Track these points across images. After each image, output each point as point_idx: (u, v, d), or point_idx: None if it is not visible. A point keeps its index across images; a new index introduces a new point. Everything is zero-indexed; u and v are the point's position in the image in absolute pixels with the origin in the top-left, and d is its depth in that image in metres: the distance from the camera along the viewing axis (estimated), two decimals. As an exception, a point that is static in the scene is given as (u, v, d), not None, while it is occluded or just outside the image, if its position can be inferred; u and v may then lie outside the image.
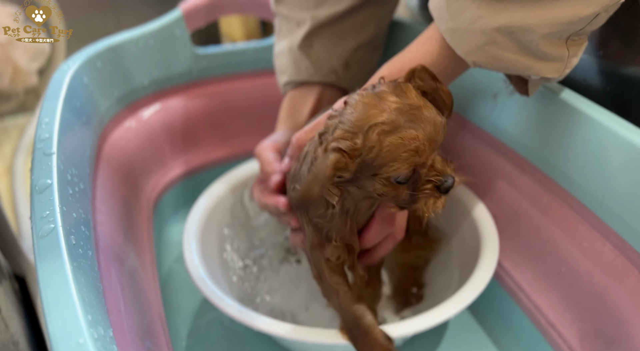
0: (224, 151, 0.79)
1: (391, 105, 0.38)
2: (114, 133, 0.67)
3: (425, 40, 0.45)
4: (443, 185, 0.39)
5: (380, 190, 0.40)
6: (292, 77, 0.60)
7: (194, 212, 0.61)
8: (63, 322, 0.31)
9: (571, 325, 0.49)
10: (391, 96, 0.38)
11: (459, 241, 0.60)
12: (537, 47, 0.39)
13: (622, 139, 0.42)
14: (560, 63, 0.41)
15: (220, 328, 0.61)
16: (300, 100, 0.60)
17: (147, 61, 0.71)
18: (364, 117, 0.38)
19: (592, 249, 0.48)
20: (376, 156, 0.38)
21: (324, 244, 0.46)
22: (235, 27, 1.32)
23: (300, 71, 0.60)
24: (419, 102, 0.38)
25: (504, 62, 0.41)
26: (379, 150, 0.37)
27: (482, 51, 0.41)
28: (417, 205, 0.40)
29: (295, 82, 0.60)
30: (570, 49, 0.40)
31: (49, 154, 0.44)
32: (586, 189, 0.47)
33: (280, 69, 0.62)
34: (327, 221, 0.45)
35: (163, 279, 0.67)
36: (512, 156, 0.56)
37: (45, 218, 0.38)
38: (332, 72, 0.60)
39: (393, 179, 0.39)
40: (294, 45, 0.59)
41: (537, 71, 0.42)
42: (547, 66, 0.41)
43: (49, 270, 0.34)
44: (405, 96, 0.39)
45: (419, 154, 0.37)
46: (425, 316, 0.47)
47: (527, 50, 0.40)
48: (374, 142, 0.37)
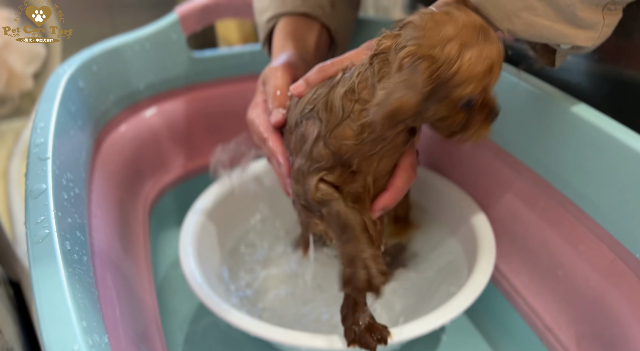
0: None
1: (464, 21, 0.37)
2: (110, 137, 0.67)
3: None
4: (495, 111, 0.39)
5: (443, 113, 0.39)
6: (276, 10, 0.57)
7: (191, 216, 0.60)
8: (58, 329, 0.31)
9: (568, 328, 0.49)
10: (459, 14, 0.38)
11: (455, 244, 0.60)
12: (573, 12, 0.39)
13: (618, 142, 0.43)
14: (595, 31, 0.40)
15: (216, 333, 0.61)
16: (300, 26, 0.56)
17: (143, 64, 0.70)
18: (439, 31, 0.36)
19: (589, 252, 0.48)
20: (456, 72, 0.36)
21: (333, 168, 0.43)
22: (232, 31, 1.32)
23: (286, 2, 0.56)
24: (484, 23, 0.38)
25: (538, 28, 0.40)
26: (459, 65, 0.36)
27: (517, 18, 0.40)
28: (467, 132, 0.40)
29: (281, 14, 0.56)
30: (605, 17, 0.39)
31: (44, 159, 0.44)
32: (582, 192, 0.47)
33: (261, 9, 0.59)
34: (356, 143, 0.41)
35: (159, 284, 0.67)
36: (508, 159, 0.56)
37: (40, 223, 0.38)
38: (319, 7, 0.57)
39: (462, 101, 0.38)
40: None
41: (571, 38, 0.41)
42: (581, 33, 0.40)
43: (43, 276, 0.34)
44: (471, 16, 0.38)
45: (492, 73, 0.37)
46: (422, 320, 0.47)
47: (563, 16, 0.39)
48: (455, 56, 0.36)
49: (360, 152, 0.42)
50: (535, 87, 0.50)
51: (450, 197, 0.61)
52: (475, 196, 0.60)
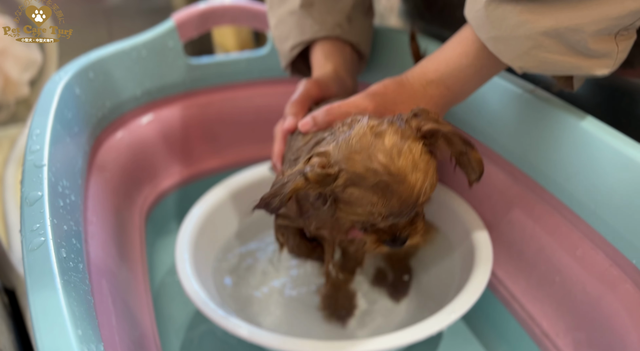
0: (217, 161, 0.79)
1: (378, 157, 0.37)
2: (106, 144, 0.67)
3: (461, 40, 0.45)
4: (384, 241, 0.41)
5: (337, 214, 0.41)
6: (297, 38, 0.59)
7: (187, 223, 0.60)
8: (53, 338, 0.30)
9: (565, 334, 0.49)
10: (388, 142, 0.38)
11: (452, 250, 0.60)
12: (585, 46, 0.39)
13: (614, 148, 0.43)
14: (609, 59, 0.40)
15: (213, 340, 0.61)
16: (339, 46, 0.59)
17: (140, 71, 0.70)
18: (347, 154, 0.38)
19: (586, 258, 0.48)
20: (337, 194, 0.39)
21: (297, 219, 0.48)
22: (228, 38, 1.32)
23: (305, 30, 0.58)
24: (407, 168, 0.38)
25: (552, 64, 0.41)
26: (340, 192, 0.39)
27: (528, 56, 0.41)
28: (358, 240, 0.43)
29: (302, 43, 0.59)
30: (619, 44, 0.39)
31: (39, 166, 0.44)
32: (578, 198, 0.47)
33: (282, 37, 0.61)
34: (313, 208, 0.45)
35: (155, 291, 0.66)
36: (504, 165, 0.56)
37: (35, 230, 0.38)
38: (337, 26, 0.58)
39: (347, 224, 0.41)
40: (295, 7, 0.59)
41: (586, 69, 0.41)
42: (596, 63, 0.40)
43: (38, 284, 0.34)
44: (401, 153, 0.38)
45: (371, 218, 0.39)
46: (419, 326, 0.46)
47: (575, 50, 0.40)
48: (339, 184, 0.38)
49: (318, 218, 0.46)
50: (531, 93, 0.50)
51: (446, 202, 0.61)
52: (472, 202, 0.60)
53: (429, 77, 0.46)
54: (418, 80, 0.47)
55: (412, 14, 0.76)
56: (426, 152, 0.39)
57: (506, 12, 0.40)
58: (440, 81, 0.46)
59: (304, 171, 0.39)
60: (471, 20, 0.43)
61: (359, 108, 0.45)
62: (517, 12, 0.39)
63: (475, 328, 0.60)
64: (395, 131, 0.39)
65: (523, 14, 0.39)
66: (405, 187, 0.38)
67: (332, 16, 0.58)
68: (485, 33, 0.42)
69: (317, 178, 0.38)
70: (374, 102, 0.46)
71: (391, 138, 0.38)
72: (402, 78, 0.47)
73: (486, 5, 0.41)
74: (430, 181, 0.39)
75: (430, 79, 0.46)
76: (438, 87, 0.46)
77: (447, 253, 0.60)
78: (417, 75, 0.47)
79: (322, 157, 0.39)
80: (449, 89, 0.46)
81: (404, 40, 0.65)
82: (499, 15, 0.40)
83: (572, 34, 0.38)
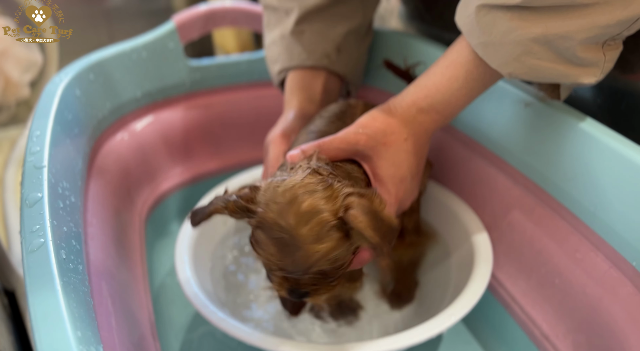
0: (217, 163, 0.79)
1: (288, 217, 0.38)
2: (106, 146, 0.67)
3: (449, 64, 0.45)
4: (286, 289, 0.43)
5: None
6: (284, 64, 0.60)
7: (187, 224, 0.60)
8: (52, 339, 0.30)
9: (565, 337, 0.49)
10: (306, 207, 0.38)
11: (452, 252, 0.60)
12: (574, 54, 0.39)
13: (613, 150, 0.43)
14: (596, 68, 0.41)
15: (212, 342, 0.60)
16: (307, 77, 0.59)
17: (140, 73, 0.71)
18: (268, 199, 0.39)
19: (585, 260, 0.48)
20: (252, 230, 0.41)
21: None
22: (229, 39, 1.33)
23: (293, 56, 0.59)
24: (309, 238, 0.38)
25: (540, 71, 0.41)
26: (253, 229, 0.41)
27: (518, 62, 0.41)
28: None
29: (289, 68, 0.59)
30: (606, 53, 0.40)
31: (39, 167, 0.44)
32: (578, 200, 0.47)
33: (272, 59, 0.62)
34: None
35: (155, 292, 0.66)
36: (504, 167, 0.56)
37: (35, 232, 0.38)
38: (325, 57, 0.59)
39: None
40: (286, 32, 0.59)
41: (574, 78, 0.41)
42: (583, 71, 0.41)
43: (38, 285, 0.34)
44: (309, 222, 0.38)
45: (269, 265, 0.41)
46: (419, 329, 0.46)
47: (564, 58, 0.40)
48: (253, 223, 0.41)
49: None
50: (531, 95, 0.51)
51: (446, 204, 0.61)
52: (471, 204, 0.60)
53: (420, 105, 0.46)
54: (408, 109, 0.46)
55: (412, 16, 0.76)
56: (337, 230, 0.39)
57: (496, 19, 0.40)
58: (430, 108, 0.46)
59: (228, 198, 0.41)
60: (462, 26, 0.44)
61: (350, 143, 0.45)
62: (507, 19, 0.39)
63: (475, 330, 0.60)
64: (322, 197, 0.39)
65: (513, 20, 0.39)
66: (300, 254, 0.39)
67: (321, 46, 0.59)
68: (475, 38, 0.42)
69: (234, 209, 0.41)
70: (364, 136, 0.45)
71: (311, 204, 0.38)
72: (390, 107, 0.47)
73: (477, 11, 0.41)
74: (328, 257, 0.39)
75: (421, 106, 0.46)
76: (429, 113, 0.46)
77: (446, 256, 0.60)
78: (407, 104, 0.46)
79: (252, 192, 0.41)
80: (440, 114, 0.46)
81: (404, 42, 0.65)
82: (489, 21, 0.40)
83: (562, 41, 0.39)
